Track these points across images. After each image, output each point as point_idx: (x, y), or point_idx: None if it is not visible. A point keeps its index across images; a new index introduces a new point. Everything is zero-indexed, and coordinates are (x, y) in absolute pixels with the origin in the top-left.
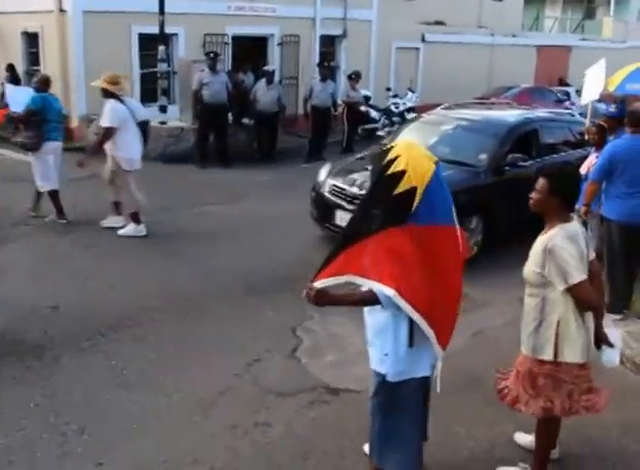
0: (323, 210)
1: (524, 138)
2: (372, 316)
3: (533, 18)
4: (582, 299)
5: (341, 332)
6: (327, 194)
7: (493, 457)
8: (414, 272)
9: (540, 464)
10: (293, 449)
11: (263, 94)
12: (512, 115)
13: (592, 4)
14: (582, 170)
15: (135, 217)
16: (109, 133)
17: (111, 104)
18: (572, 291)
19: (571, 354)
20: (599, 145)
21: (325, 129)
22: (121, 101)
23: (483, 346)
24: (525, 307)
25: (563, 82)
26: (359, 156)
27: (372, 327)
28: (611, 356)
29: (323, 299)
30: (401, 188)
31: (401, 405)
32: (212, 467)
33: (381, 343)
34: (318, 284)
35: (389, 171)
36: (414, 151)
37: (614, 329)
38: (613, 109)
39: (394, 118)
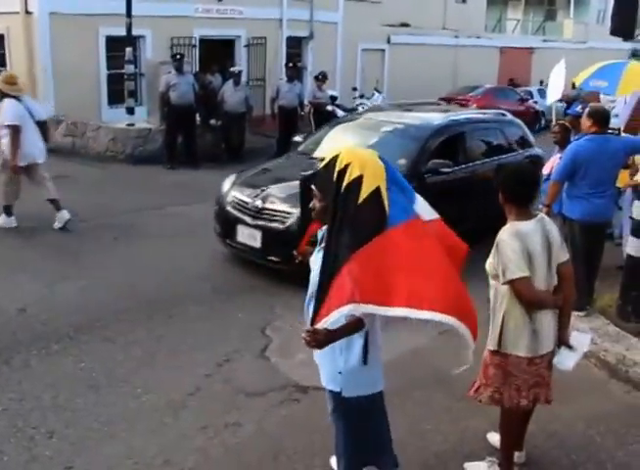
0: (225, 225)
1: (449, 142)
2: None
3: (496, 19)
4: (520, 295)
5: None
6: (229, 207)
7: (462, 452)
8: (425, 274)
9: (505, 456)
10: (263, 449)
11: (231, 95)
12: (436, 117)
13: (553, 6)
14: (545, 170)
15: (7, 210)
16: (15, 130)
17: (8, 103)
18: (511, 286)
19: (515, 348)
20: (562, 145)
21: (292, 129)
22: (19, 100)
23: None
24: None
25: (514, 83)
26: (264, 166)
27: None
28: (564, 359)
29: (328, 339)
30: (365, 193)
31: (363, 420)
32: (183, 468)
33: (334, 360)
34: (321, 325)
35: (346, 182)
36: (359, 153)
37: (585, 335)
38: (579, 109)
39: None
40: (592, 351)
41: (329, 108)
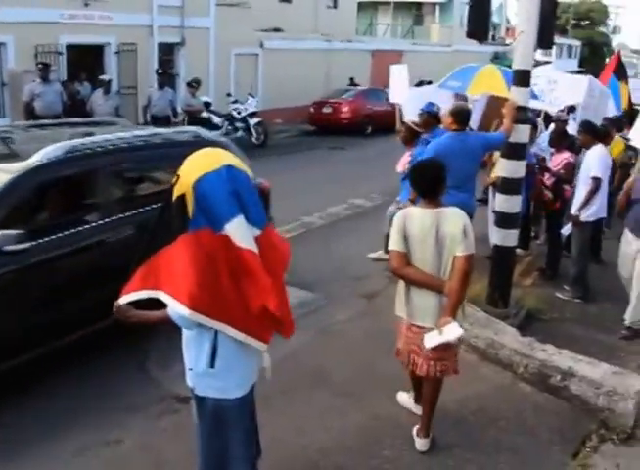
0: None
1: (54, 192)
2: (184, 330)
3: (367, 24)
4: (389, 265)
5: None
6: None
7: (345, 446)
8: (213, 281)
9: (415, 389)
10: (145, 463)
11: (100, 104)
12: (38, 149)
13: (420, 11)
14: (399, 169)
15: None
16: None
17: None
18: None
19: (399, 309)
20: (409, 143)
21: None
22: None
23: (329, 341)
24: None
25: (353, 83)
26: None
27: (183, 340)
28: (429, 338)
29: (127, 315)
30: (175, 194)
31: (222, 425)
32: None
33: (187, 357)
34: (122, 300)
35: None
36: (195, 156)
37: (458, 329)
38: (435, 109)
39: (237, 124)
40: (463, 337)
41: (204, 114)
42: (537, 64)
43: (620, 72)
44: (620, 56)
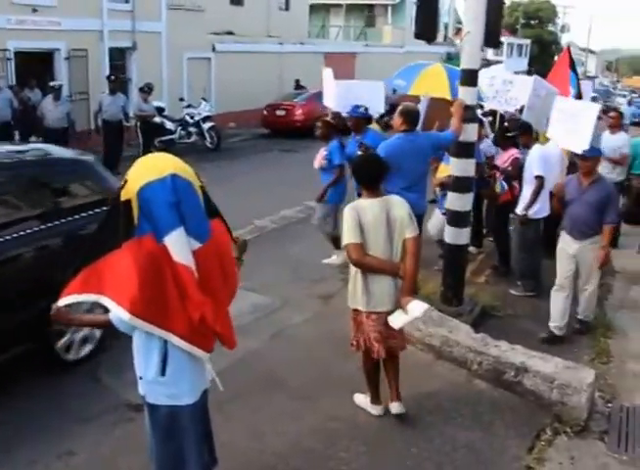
0: None
1: None
2: (134, 337)
3: (320, 26)
4: (350, 258)
5: None
6: None
7: (301, 449)
8: (156, 287)
9: (370, 390)
10: None
11: (51, 110)
12: None
13: (372, 13)
14: (315, 165)
15: None
16: None
17: None
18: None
19: (355, 302)
20: (325, 139)
21: (118, 143)
22: None
23: (284, 344)
24: None
25: (299, 85)
26: None
27: (134, 348)
28: (395, 319)
29: (66, 318)
30: (121, 199)
31: (175, 432)
32: None
33: (137, 365)
34: (61, 302)
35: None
36: (144, 161)
37: (422, 303)
38: (362, 111)
39: (191, 129)
40: (417, 337)
41: (156, 119)
42: (489, 63)
43: (572, 66)
44: (570, 51)
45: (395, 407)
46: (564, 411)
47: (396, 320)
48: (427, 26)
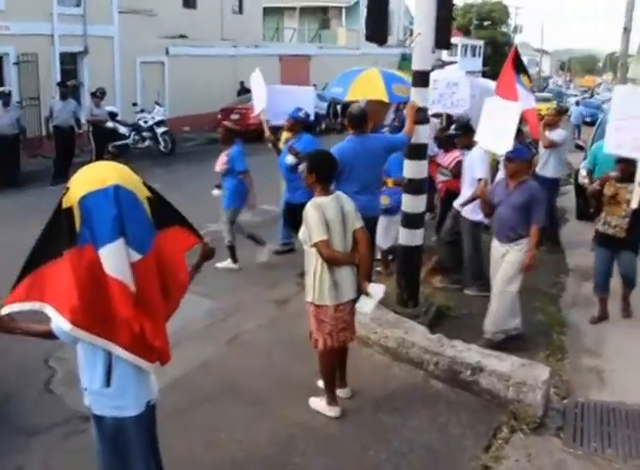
0: None
1: None
2: (77, 348)
3: (274, 29)
4: (321, 254)
5: None
6: None
7: (258, 456)
8: (98, 297)
9: (329, 391)
10: None
11: (1, 116)
12: None
13: (326, 15)
14: (217, 168)
15: None
16: None
17: None
18: (315, 247)
19: (322, 299)
20: (225, 143)
21: (69, 149)
22: None
23: (240, 350)
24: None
25: (244, 88)
26: None
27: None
28: (364, 305)
29: (8, 327)
30: (63, 206)
31: (121, 444)
32: None
33: (82, 376)
34: (4, 310)
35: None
36: (87, 169)
37: (379, 285)
38: (301, 114)
39: (144, 133)
40: (374, 339)
41: (109, 125)
42: (444, 64)
43: (521, 67)
44: (518, 51)
45: (345, 393)
46: (520, 409)
47: (365, 306)
48: (377, 29)
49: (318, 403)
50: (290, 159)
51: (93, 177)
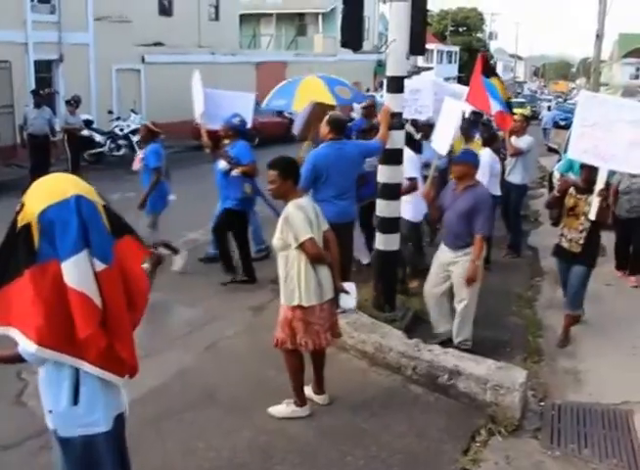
0: None
1: None
2: (40, 369)
3: (250, 36)
4: (309, 252)
5: None
6: None
7: (236, 465)
8: (64, 314)
9: (297, 395)
10: None
11: None
12: None
13: (303, 22)
14: (134, 167)
15: None
16: None
17: None
18: (302, 247)
19: (309, 299)
20: (145, 142)
21: (44, 158)
22: None
23: (217, 358)
24: (278, 269)
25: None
26: None
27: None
28: (346, 301)
29: None
30: (19, 224)
31: (92, 463)
32: None
33: (46, 398)
34: None
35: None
36: (43, 182)
37: (350, 283)
38: (236, 121)
39: (120, 141)
40: (351, 344)
41: (84, 133)
42: (420, 69)
43: (489, 71)
44: (486, 56)
45: (323, 399)
46: (498, 412)
47: (348, 302)
48: (352, 35)
49: (284, 409)
50: (222, 164)
51: (51, 190)
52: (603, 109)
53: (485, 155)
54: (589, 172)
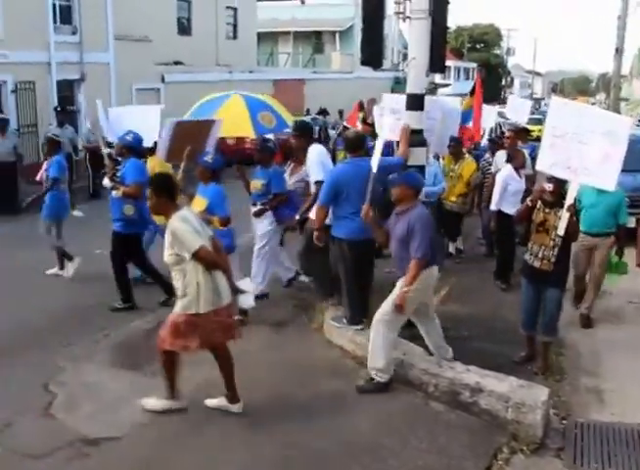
0: None
1: None
2: None
3: (268, 54)
4: (204, 259)
5: (95, 381)
6: None
7: None
8: None
9: (171, 385)
10: None
11: None
12: None
13: (320, 40)
14: (37, 177)
15: None
16: None
17: None
18: (197, 256)
19: (206, 306)
20: (50, 154)
21: (69, 176)
22: None
23: (238, 373)
24: (174, 283)
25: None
26: None
27: None
28: (245, 300)
29: None
30: None
31: None
32: None
33: None
34: None
35: None
36: None
37: (245, 280)
38: (129, 138)
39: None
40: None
41: (105, 151)
42: (437, 86)
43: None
44: (480, 76)
45: (238, 408)
46: (520, 430)
47: (247, 300)
48: (372, 53)
49: (153, 403)
50: (106, 181)
51: None
52: (575, 118)
53: (505, 170)
54: (557, 186)
